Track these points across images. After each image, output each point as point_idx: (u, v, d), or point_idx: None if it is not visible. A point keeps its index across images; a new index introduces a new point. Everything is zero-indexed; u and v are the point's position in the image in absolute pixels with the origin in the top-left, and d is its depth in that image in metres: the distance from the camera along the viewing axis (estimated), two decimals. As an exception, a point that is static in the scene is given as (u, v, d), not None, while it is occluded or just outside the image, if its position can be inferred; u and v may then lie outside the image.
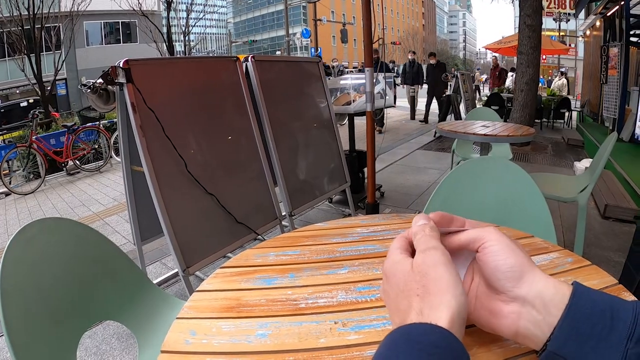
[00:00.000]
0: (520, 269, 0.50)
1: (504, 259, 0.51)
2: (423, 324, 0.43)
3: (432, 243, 0.51)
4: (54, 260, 1.12)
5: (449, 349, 0.39)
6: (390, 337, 0.42)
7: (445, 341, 0.40)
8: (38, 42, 12.33)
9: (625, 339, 0.41)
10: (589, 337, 0.43)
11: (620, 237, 3.26)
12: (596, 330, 0.43)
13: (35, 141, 6.78)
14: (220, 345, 0.63)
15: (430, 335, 0.41)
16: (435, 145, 7.60)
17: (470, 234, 0.55)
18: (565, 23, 23.08)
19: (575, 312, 0.45)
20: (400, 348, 0.40)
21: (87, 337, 2.24)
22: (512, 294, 0.50)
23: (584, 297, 0.46)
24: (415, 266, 0.50)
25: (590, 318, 0.44)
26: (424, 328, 0.42)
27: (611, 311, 0.44)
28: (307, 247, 0.96)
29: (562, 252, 0.90)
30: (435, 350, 0.39)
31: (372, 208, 3.41)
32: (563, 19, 22.18)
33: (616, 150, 5.72)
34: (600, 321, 0.43)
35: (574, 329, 0.44)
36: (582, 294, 0.46)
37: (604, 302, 0.45)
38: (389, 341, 0.42)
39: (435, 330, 0.41)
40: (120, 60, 1.99)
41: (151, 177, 1.99)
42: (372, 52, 3.16)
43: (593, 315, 0.44)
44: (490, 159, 1.73)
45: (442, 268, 0.48)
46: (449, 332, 0.41)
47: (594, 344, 0.42)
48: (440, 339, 0.40)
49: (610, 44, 8.28)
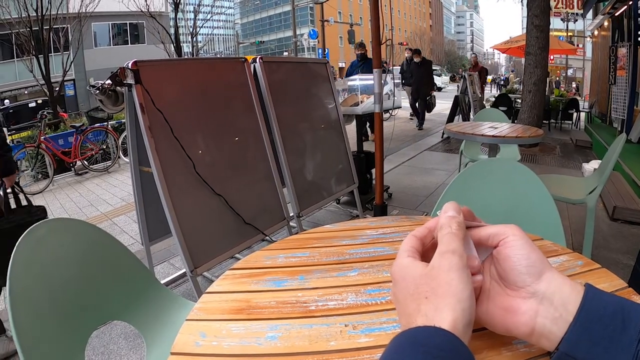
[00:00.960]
0: (541, 265, 0.51)
1: (527, 253, 0.51)
2: (428, 327, 0.43)
3: (453, 245, 0.51)
4: (62, 261, 1.12)
5: (454, 352, 0.40)
6: (395, 340, 0.42)
7: (450, 344, 0.40)
8: (46, 43, 12.40)
9: (636, 341, 0.41)
10: (601, 338, 0.43)
11: (629, 240, 3.23)
12: (607, 332, 0.43)
13: (44, 141, 6.82)
14: (230, 348, 0.63)
15: (434, 338, 0.41)
16: (443, 146, 7.58)
17: (492, 229, 0.56)
18: (573, 23, 22.94)
19: (588, 313, 0.45)
20: (406, 351, 0.40)
21: (95, 337, 2.25)
22: (531, 289, 0.50)
23: (596, 299, 0.46)
24: (429, 269, 0.50)
25: (602, 320, 0.44)
26: (428, 331, 0.42)
27: (622, 313, 0.44)
28: (317, 249, 0.96)
29: (572, 254, 0.89)
30: (440, 353, 0.39)
31: (380, 209, 3.40)
32: (571, 19, 22.03)
33: (625, 152, 5.67)
34: (611, 323, 0.43)
35: (586, 330, 0.44)
36: (594, 295, 0.47)
37: (615, 304, 0.45)
38: (394, 344, 0.42)
39: (439, 333, 0.42)
40: (129, 61, 1.99)
41: (159, 177, 2.00)
42: (380, 53, 3.14)
43: (605, 317, 0.44)
44: (498, 161, 1.73)
45: (455, 273, 0.48)
46: (453, 335, 0.41)
47: (606, 346, 0.42)
48: (445, 341, 0.41)
49: (618, 44, 8.23)
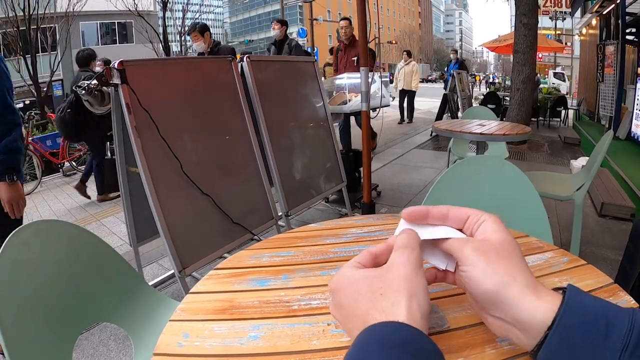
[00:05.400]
0: (495, 296, 0.48)
1: (479, 285, 0.49)
2: (387, 323, 0.43)
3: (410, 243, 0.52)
4: (49, 263, 1.11)
5: (418, 346, 0.40)
6: (360, 338, 0.42)
7: (413, 338, 0.41)
8: (34, 43, 12.30)
9: (619, 351, 0.40)
10: (582, 346, 0.42)
11: (617, 235, 3.27)
12: (589, 339, 0.41)
13: (32, 143, 6.73)
14: (213, 348, 0.63)
15: (397, 333, 0.41)
16: (431, 144, 7.62)
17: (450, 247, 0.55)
18: (562, 21, 23.16)
19: (568, 320, 0.43)
20: (371, 348, 0.40)
21: (84, 339, 2.23)
22: (495, 314, 0.50)
23: (577, 305, 0.44)
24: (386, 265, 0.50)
25: (583, 327, 0.42)
26: (389, 326, 0.42)
27: (606, 319, 0.42)
28: (301, 248, 0.95)
29: (557, 251, 0.90)
30: (406, 348, 0.39)
31: (368, 208, 3.39)
32: (559, 17, 22.24)
33: (612, 148, 5.74)
34: (593, 330, 0.42)
35: (565, 339, 0.43)
36: (575, 301, 0.45)
37: (598, 309, 0.44)
38: (359, 342, 0.42)
39: (402, 327, 0.42)
40: (115, 61, 1.98)
41: (147, 178, 1.98)
42: (367, 52, 3.14)
43: (586, 324, 0.42)
44: (485, 158, 1.74)
45: (410, 267, 0.48)
46: (415, 328, 0.42)
47: (588, 353, 0.41)
48: (408, 336, 0.41)
49: (606, 42, 8.31)
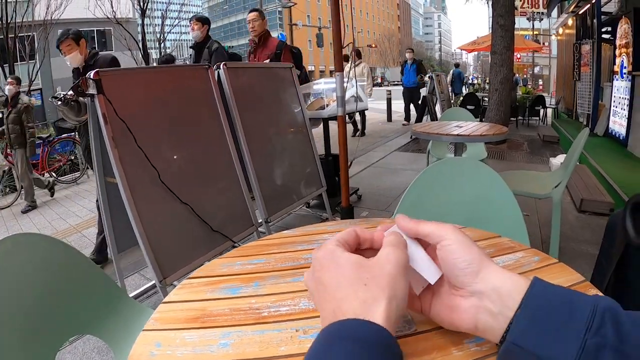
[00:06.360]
0: (478, 265, 0.52)
1: (462, 256, 0.53)
2: (357, 320, 0.44)
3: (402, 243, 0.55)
4: (25, 277, 1.10)
5: (382, 345, 0.41)
6: (325, 331, 0.44)
7: (376, 336, 0.42)
8: (12, 52, 12.12)
9: (584, 330, 0.42)
10: (550, 329, 0.43)
11: (596, 231, 3.32)
12: (554, 320, 0.44)
13: (11, 154, 6.63)
14: (184, 356, 0.64)
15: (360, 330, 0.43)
16: (411, 146, 7.68)
17: (430, 228, 0.57)
18: (539, 22, 23.49)
19: (534, 301, 0.46)
20: (334, 342, 0.42)
21: (67, 352, 2.20)
22: (470, 288, 0.52)
23: (543, 289, 0.47)
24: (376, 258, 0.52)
25: (549, 308, 0.45)
26: (358, 323, 0.44)
27: (570, 303, 0.45)
28: (273, 255, 0.96)
29: (529, 251, 0.91)
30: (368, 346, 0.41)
31: (346, 212, 3.35)
32: (536, 18, 22.56)
33: (591, 145, 5.85)
34: (559, 311, 0.44)
35: (532, 319, 0.45)
36: (540, 285, 0.48)
37: (563, 294, 0.46)
38: (324, 335, 0.44)
39: (371, 326, 0.43)
40: (91, 71, 1.97)
41: (124, 188, 1.97)
42: (342, 56, 3.11)
43: (551, 306, 0.45)
44: (459, 160, 1.76)
45: (401, 269, 0.50)
46: (383, 328, 0.43)
47: (553, 334, 0.43)
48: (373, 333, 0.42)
49: (582, 41, 8.48)
